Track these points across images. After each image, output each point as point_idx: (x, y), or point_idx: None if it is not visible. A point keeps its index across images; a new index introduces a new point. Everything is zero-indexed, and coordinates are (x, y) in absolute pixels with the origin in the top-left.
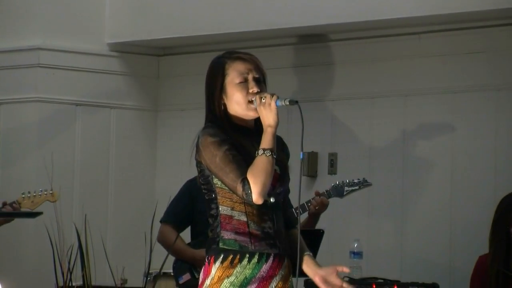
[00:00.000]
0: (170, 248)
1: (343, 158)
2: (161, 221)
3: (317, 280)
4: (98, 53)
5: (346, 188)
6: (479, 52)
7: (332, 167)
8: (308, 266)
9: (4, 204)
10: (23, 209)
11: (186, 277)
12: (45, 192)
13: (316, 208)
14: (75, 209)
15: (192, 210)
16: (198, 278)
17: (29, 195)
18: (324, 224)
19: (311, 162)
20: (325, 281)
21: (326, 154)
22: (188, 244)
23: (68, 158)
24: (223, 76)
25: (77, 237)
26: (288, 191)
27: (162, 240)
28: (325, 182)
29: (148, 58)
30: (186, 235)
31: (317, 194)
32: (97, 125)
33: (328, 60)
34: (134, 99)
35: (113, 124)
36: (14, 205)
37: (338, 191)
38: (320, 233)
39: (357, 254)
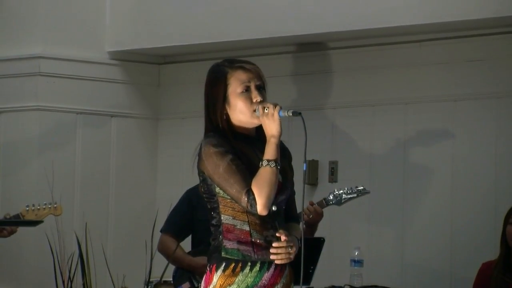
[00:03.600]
0: (170, 257)
1: (343, 166)
2: (161, 231)
3: None
4: (98, 62)
5: (344, 196)
6: (479, 60)
7: (333, 175)
8: None
9: (7, 217)
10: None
11: (185, 286)
12: (49, 206)
13: (310, 217)
14: (75, 217)
15: (192, 219)
16: (198, 287)
17: (33, 208)
18: (325, 232)
19: (311, 170)
20: None
21: (326, 162)
22: (189, 252)
23: (68, 166)
24: (225, 86)
25: (78, 246)
26: (293, 193)
27: (162, 250)
28: (325, 190)
29: (148, 66)
30: (187, 244)
31: (311, 204)
32: (98, 133)
33: (328, 68)
34: (135, 108)
35: (114, 133)
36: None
37: (337, 199)
38: (321, 241)
39: (358, 262)
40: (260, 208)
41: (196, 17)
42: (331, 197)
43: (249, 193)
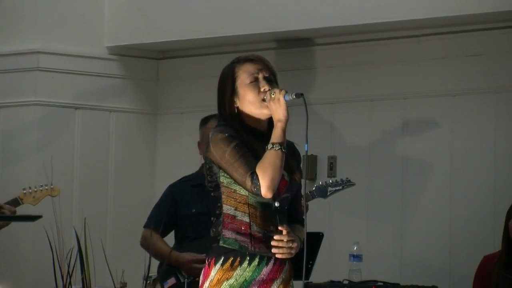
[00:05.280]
0: (154, 252)
1: (342, 161)
2: (144, 226)
3: None
4: (97, 57)
5: (329, 189)
6: (478, 55)
7: (332, 170)
8: None
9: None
10: (25, 205)
11: (171, 281)
12: (46, 187)
13: None
14: (74, 212)
15: (175, 214)
16: (184, 282)
17: (30, 190)
18: (324, 227)
19: (310, 165)
20: None
21: (325, 157)
22: (173, 248)
23: (67, 161)
24: (233, 79)
25: (77, 241)
26: (300, 195)
27: (145, 245)
28: None
29: (147, 61)
30: (170, 239)
31: None
32: (97, 128)
33: (327, 63)
34: (134, 103)
35: (112, 127)
36: (5, 205)
37: (322, 192)
38: (320, 236)
39: (357, 257)
40: (264, 190)
41: (195, 12)
42: (316, 190)
43: (253, 175)
